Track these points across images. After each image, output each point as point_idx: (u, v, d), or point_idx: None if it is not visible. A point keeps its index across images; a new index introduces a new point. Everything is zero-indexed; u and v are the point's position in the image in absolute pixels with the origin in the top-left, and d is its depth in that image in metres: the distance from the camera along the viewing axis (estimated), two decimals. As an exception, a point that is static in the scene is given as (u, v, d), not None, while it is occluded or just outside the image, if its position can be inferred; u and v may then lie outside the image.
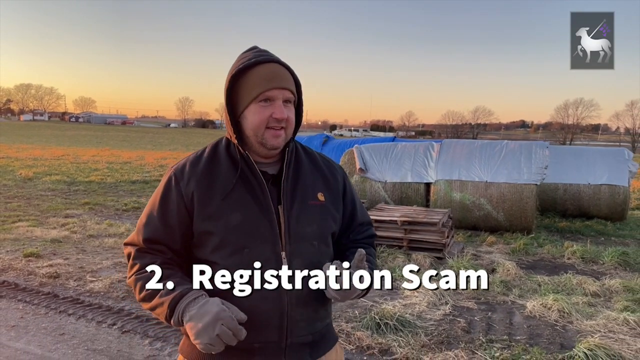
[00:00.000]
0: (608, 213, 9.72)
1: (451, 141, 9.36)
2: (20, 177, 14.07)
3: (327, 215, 1.45)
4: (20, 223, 7.90)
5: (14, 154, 23.10)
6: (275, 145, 1.37)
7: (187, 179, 1.36)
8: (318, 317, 1.43)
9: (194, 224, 1.33)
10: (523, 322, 4.43)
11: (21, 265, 5.57)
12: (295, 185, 1.42)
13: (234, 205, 1.33)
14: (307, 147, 1.57)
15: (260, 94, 1.33)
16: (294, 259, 1.35)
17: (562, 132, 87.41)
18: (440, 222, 6.49)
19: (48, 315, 4.29)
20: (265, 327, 1.32)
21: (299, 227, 1.37)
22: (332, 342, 1.51)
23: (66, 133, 57.27)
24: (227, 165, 1.39)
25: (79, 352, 3.62)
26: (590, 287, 5.34)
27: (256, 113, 1.34)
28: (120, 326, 4.08)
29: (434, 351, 3.72)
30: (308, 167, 1.48)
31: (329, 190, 1.48)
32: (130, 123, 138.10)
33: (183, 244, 1.37)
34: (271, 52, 1.41)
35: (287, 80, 1.37)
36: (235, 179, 1.36)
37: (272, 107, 1.34)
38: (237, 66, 1.36)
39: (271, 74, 1.34)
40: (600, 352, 3.55)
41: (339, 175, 1.55)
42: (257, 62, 1.35)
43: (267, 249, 1.33)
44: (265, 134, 1.35)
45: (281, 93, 1.35)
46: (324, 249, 1.43)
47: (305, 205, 1.41)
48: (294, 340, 1.36)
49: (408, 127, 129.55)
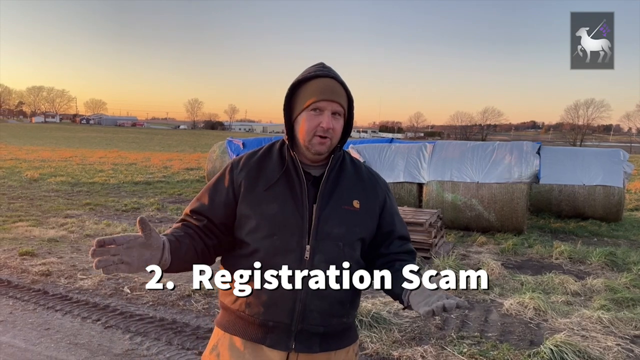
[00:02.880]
0: (603, 214, 9.74)
1: (443, 142, 9.44)
2: (26, 178, 14.33)
3: (358, 222, 1.56)
4: (20, 223, 8.10)
5: (23, 155, 23.47)
6: (319, 151, 1.52)
7: (240, 168, 1.57)
8: (333, 313, 1.53)
9: (238, 207, 1.53)
10: (498, 319, 4.51)
11: (15, 264, 5.75)
12: (334, 189, 1.55)
13: (273, 197, 1.51)
14: (357, 160, 1.71)
15: (312, 104, 1.49)
16: (316, 254, 1.48)
17: (573, 133, 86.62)
18: (427, 222, 6.57)
19: (36, 311, 4.45)
20: (280, 309, 1.47)
21: (327, 227, 1.51)
22: (347, 342, 1.60)
23: (76, 135, 57.92)
24: (276, 161, 1.57)
25: (61, 346, 3.76)
26: (572, 287, 5.40)
27: (307, 120, 1.50)
28: (104, 322, 4.22)
29: (404, 347, 3.82)
30: (350, 175, 1.61)
31: (366, 200, 1.60)
32: (140, 125, 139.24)
33: (224, 220, 1.55)
34: (333, 69, 1.57)
35: (339, 94, 1.52)
36: (280, 174, 1.53)
37: (321, 117, 1.49)
38: (298, 78, 1.54)
39: (325, 87, 1.50)
40: (566, 348, 3.62)
41: (380, 189, 1.66)
42: (316, 75, 1.52)
43: (294, 240, 1.48)
44: (312, 139, 1.50)
45: (330, 105, 1.50)
46: (349, 251, 1.54)
47: (338, 208, 1.54)
48: (305, 327, 1.49)
49: (417, 128, 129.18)
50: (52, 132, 62.36)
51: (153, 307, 4.61)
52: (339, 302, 1.53)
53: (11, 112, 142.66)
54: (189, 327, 4.13)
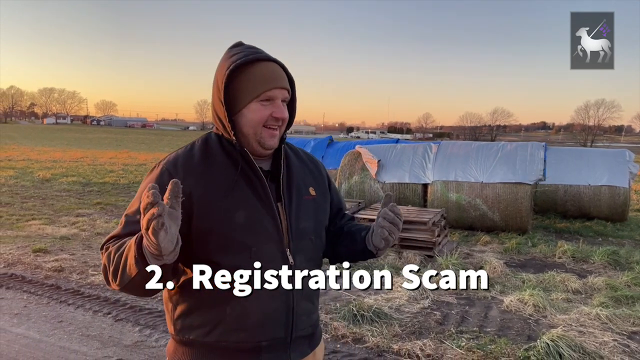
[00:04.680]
0: (608, 214, 9.75)
1: (448, 142, 9.54)
2: (39, 178, 14.60)
3: (320, 209, 1.49)
4: (34, 221, 8.31)
5: (35, 156, 23.82)
6: (271, 145, 1.38)
7: (183, 174, 1.30)
8: (314, 309, 1.48)
9: (194, 222, 1.27)
10: (497, 315, 4.61)
11: (29, 260, 5.94)
12: (291, 181, 1.43)
13: (237, 203, 1.31)
14: (290, 143, 1.57)
15: (262, 93, 1.33)
16: (297, 256, 1.37)
17: (584, 133, 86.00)
18: (431, 221, 6.67)
19: (49, 305, 4.62)
20: (273, 325, 1.35)
21: (299, 223, 1.40)
22: (321, 332, 1.58)
23: (87, 136, 58.49)
24: (224, 161, 1.36)
25: (74, 337, 3.92)
26: (573, 285, 5.47)
27: (257, 111, 1.34)
28: (114, 315, 4.38)
29: (404, 340, 3.94)
30: (297, 163, 1.50)
31: (318, 185, 1.52)
32: (150, 126, 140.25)
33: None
34: (261, 49, 1.40)
35: (285, 79, 1.38)
36: (237, 175, 1.34)
37: (272, 107, 1.35)
38: (234, 61, 1.33)
39: (271, 73, 1.35)
40: (562, 342, 3.71)
41: (322, 169, 1.59)
42: (256, 59, 1.34)
43: (273, 247, 1.33)
44: (262, 132, 1.36)
45: (281, 93, 1.36)
46: (319, 242, 1.47)
47: (302, 200, 1.43)
48: (298, 334, 1.40)
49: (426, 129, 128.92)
50: (63, 133, 63.04)
51: (161, 301, 4.74)
52: (317, 297, 1.51)
53: (23, 114, 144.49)
54: (196, 321, 4.27)
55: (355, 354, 3.75)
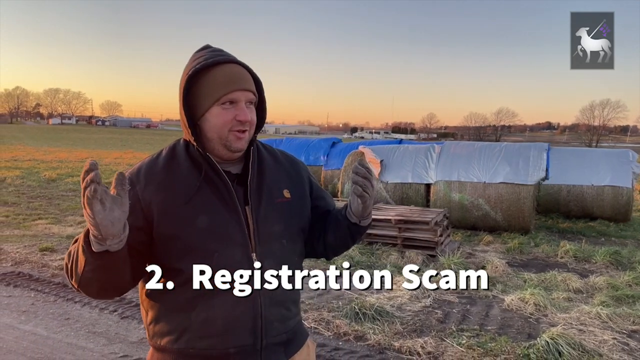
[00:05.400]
0: (612, 214, 9.76)
1: (451, 143, 9.58)
2: (45, 178, 14.73)
3: (294, 212, 1.44)
4: (40, 221, 8.42)
5: (41, 156, 24.00)
6: (239, 148, 1.35)
7: (144, 183, 1.30)
8: (291, 315, 1.43)
9: (155, 229, 1.27)
10: (498, 314, 4.65)
11: (36, 259, 6.03)
12: (261, 183, 1.40)
13: (199, 208, 1.29)
14: (268, 145, 1.55)
15: (223, 97, 1.30)
16: (265, 260, 1.33)
17: (589, 133, 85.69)
18: (433, 221, 6.71)
19: (56, 302, 4.70)
20: (240, 332, 1.31)
21: (268, 227, 1.36)
22: (304, 337, 1.51)
23: (92, 136, 58.79)
24: (188, 167, 1.35)
25: (81, 334, 4.00)
26: (574, 284, 5.51)
27: (219, 116, 1.32)
28: (120, 312, 4.45)
29: (405, 338, 3.99)
30: (271, 165, 1.46)
31: (295, 187, 1.47)
32: (155, 126, 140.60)
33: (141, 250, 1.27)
34: (227, 51, 1.38)
35: (248, 81, 1.35)
36: (200, 181, 1.32)
37: (235, 110, 1.32)
38: (194, 66, 1.32)
39: (232, 76, 1.32)
40: (561, 340, 3.75)
41: (302, 170, 1.54)
42: (216, 62, 1.32)
43: (237, 251, 1.30)
44: (229, 136, 1.33)
45: (244, 95, 1.33)
46: (293, 246, 1.43)
47: (272, 203, 1.39)
48: (269, 341, 1.35)
49: (430, 129, 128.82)
50: (69, 134, 63.37)
51: (166, 299, 4.83)
52: (293, 302, 1.44)
53: (29, 114, 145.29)
54: (200, 319, 4.34)
55: (357, 351, 3.80)
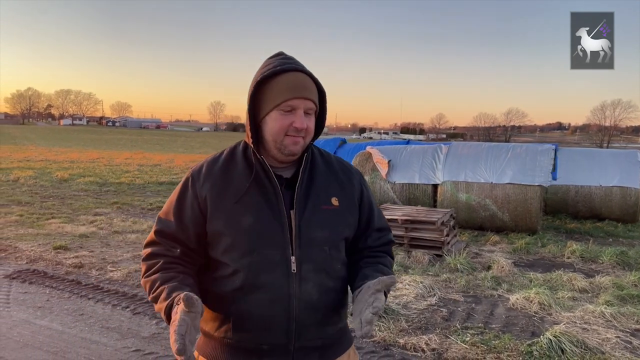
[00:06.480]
0: (620, 215, 9.76)
1: (458, 143, 9.62)
2: (57, 178, 14.96)
3: (341, 221, 1.46)
4: (53, 220, 8.59)
5: (53, 157, 24.31)
6: (293, 152, 1.40)
7: (203, 180, 1.41)
8: (329, 322, 1.44)
9: (207, 225, 1.38)
10: (503, 313, 4.71)
11: (50, 257, 6.18)
12: (309, 189, 1.43)
13: (246, 208, 1.36)
14: (325, 151, 1.58)
15: (283, 103, 1.36)
16: (304, 264, 1.37)
17: (600, 134, 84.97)
18: (439, 221, 6.77)
19: (70, 299, 4.83)
20: (274, 330, 1.36)
21: (310, 232, 1.39)
22: (345, 346, 1.52)
23: (103, 137, 59.34)
24: (242, 168, 1.42)
25: (94, 329, 4.12)
26: (579, 284, 5.55)
27: (277, 120, 1.37)
28: (132, 309, 4.57)
29: (410, 335, 4.07)
30: (323, 171, 1.49)
31: (344, 195, 1.49)
32: (164, 127, 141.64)
33: (198, 242, 1.41)
34: (297, 60, 1.43)
35: (311, 90, 1.39)
36: (249, 182, 1.39)
37: (293, 116, 1.37)
38: (263, 72, 1.39)
39: (295, 83, 1.36)
40: (564, 338, 3.81)
41: (355, 179, 1.55)
42: (283, 70, 1.37)
43: (277, 252, 1.36)
44: (284, 140, 1.38)
45: (303, 103, 1.37)
46: (336, 254, 1.45)
47: (318, 209, 1.42)
48: (302, 344, 1.38)
49: (439, 129, 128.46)
50: (80, 134, 63.99)
51: (177, 297, 4.94)
52: (332, 310, 1.45)
53: (40, 115, 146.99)
54: (210, 315, 4.44)
55: (362, 347, 3.88)
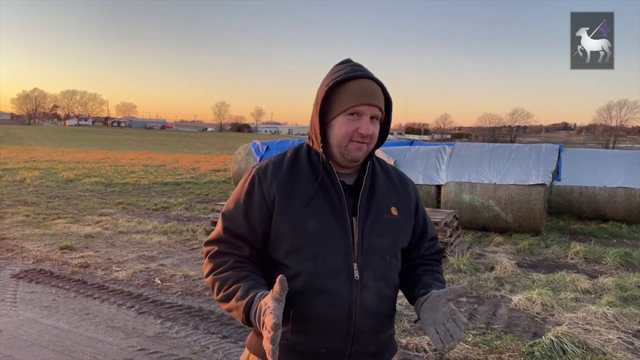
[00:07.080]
0: (624, 216, 9.75)
1: (462, 144, 9.64)
2: (63, 178, 15.06)
3: (400, 230, 1.49)
4: (59, 220, 8.66)
5: (58, 157, 24.48)
6: (356, 158, 1.41)
7: (270, 180, 1.41)
8: (383, 329, 1.47)
9: (273, 225, 1.39)
10: (505, 313, 4.73)
11: (56, 256, 6.24)
12: (371, 197, 1.45)
13: (312, 213, 1.38)
14: (383, 161, 1.61)
15: (350, 108, 1.37)
16: (365, 271, 1.38)
17: (606, 134, 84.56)
18: (443, 222, 6.79)
19: (76, 298, 4.88)
20: (333, 334, 1.37)
21: (372, 240, 1.41)
22: (392, 352, 1.55)
23: (108, 137, 59.62)
24: (308, 172, 1.44)
25: (100, 329, 4.17)
26: (582, 285, 5.55)
27: (343, 125, 1.39)
28: (137, 308, 4.62)
29: (412, 335, 4.09)
30: (383, 181, 1.52)
31: (402, 205, 1.52)
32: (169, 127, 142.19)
33: (263, 242, 1.42)
34: (365, 67, 1.46)
35: (378, 97, 1.41)
36: (316, 187, 1.40)
37: (359, 122, 1.38)
38: (334, 78, 1.40)
39: (363, 90, 1.38)
40: (566, 339, 3.83)
41: (411, 191, 1.58)
42: (355, 76, 1.39)
43: (340, 258, 1.37)
44: (348, 145, 1.39)
45: (370, 109, 1.38)
46: (395, 263, 1.47)
47: (380, 218, 1.44)
48: (358, 349, 1.40)
49: (444, 129, 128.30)
50: (85, 135, 64.31)
51: (182, 296, 4.99)
52: (387, 317, 1.48)
53: (46, 115, 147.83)
54: (214, 315, 4.48)
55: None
